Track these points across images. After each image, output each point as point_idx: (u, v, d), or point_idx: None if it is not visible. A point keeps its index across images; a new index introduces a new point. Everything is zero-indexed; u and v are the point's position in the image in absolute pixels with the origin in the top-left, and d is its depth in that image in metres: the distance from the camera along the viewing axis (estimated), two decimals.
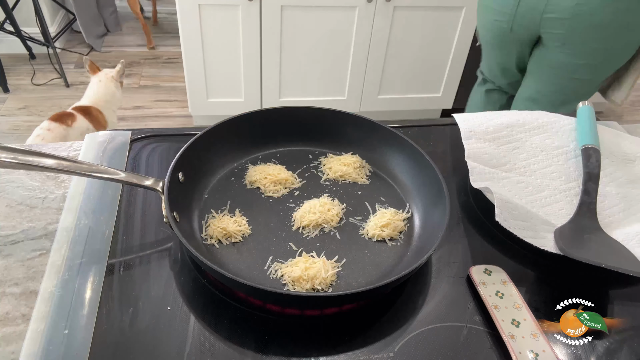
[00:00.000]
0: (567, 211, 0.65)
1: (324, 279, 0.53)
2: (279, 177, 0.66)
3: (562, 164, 0.72)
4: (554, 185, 0.69)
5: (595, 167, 0.67)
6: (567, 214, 0.65)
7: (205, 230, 0.59)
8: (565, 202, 0.67)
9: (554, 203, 0.67)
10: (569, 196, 0.67)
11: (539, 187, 0.68)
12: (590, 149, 0.68)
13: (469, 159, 0.70)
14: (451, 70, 2.21)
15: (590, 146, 0.69)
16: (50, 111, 2.35)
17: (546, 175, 0.70)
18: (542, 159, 0.72)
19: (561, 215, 0.65)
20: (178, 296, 0.52)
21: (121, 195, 0.64)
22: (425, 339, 0.50)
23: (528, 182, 0.69)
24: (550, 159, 0.72)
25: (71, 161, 0.56)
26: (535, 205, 0.66)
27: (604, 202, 0.66)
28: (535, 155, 0.73)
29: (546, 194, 0.68)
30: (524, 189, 0.68)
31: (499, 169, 0.70)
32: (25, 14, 2.53)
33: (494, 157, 0.72)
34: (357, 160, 0.70)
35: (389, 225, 0.60)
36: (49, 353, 0.46)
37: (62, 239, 0.57)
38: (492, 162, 0.71)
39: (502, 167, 0.71)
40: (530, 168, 0.71)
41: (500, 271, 0.57)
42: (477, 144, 0.73)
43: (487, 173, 0.68)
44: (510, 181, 0.68)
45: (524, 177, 0.70)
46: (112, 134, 0.74)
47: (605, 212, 0.65)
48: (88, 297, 0.51)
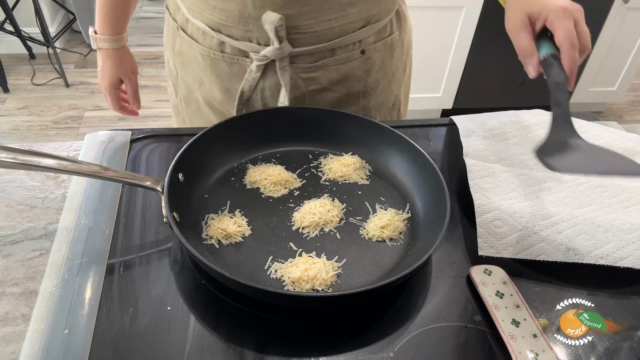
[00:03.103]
0: (571, 199, 0.65)
1: (324, 280, 0.53)
2: (279, 177, 0.66)
3: None
4: (557, 176, 0.69)
5: (560, 74, 0.59)
6: (571, 202, 0.65)
7: (205, 230, 0.59)
8: (570, 191, 0.67)
9: (557, 192, 0.67)
10: (572, 187, 0.67)
11: (541, 179, 0.68)
12: (550, 58, 0.60)
13: (467, 157, 0.70)
14: (451, 70, 2.21)
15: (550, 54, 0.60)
16: (50, 111, 2.36)
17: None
18: None
19: (566, 203, 0.65)
20: (178, 296, 0.52)
21: (121, 195, 0.64)
22: (425, 339, 0.50)
23: (530, 175, 0.69)
24: None
25: (71, 161, 0.56)
26: (540, 196, 0.66)
27: (605, 193, 0.66)
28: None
29: (549, 184, 0.68)
30: (527, 181, 0.68)
31: (499, 164, 0.70)
32: (25, 14, 2.53)
33: (494, 152, 0.72)
34: (357, 161, 0.70)
35: (389, 226, 0.60)
36: (49, 353, 0.46)
37: (62, 239, 0.57)
38: (491, 157, 0.71)
39: (503, 162, 0.71)
40: (532, 162, 0.71)
41: (500, 271, 0.57)
42: (475, 141, 0.73)
43: (487, 169, 0.69)
44: (511, 174, 0.68)
45: (524, 170, 0.70)
46: (112, 134, 0.74)
47: (607, 201, 0.65)
48: (88, 297, 0.51)
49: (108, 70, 0.88)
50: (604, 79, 2.42)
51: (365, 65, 0.80)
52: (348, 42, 0.75)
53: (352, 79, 0.80)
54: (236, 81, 0.78)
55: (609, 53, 2.29)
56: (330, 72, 0.78)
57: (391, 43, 0.82)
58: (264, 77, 0.76)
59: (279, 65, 0.74)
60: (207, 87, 0.82)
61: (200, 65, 0.80)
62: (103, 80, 0.89)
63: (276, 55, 0.72)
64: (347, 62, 0.78)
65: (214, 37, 0.75)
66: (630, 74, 2.42)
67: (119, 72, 0.89)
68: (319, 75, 0.77)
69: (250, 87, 0.77)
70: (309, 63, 0.76)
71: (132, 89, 0.92)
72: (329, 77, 0.78)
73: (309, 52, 0.74)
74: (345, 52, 0.77)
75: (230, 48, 0.75)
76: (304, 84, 0.78)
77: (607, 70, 2.38)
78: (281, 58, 0.73)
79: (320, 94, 0.79)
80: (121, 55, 0.88)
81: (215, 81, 0.80)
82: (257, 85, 0.77)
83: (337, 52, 0.76)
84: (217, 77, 0.79)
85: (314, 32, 0.72)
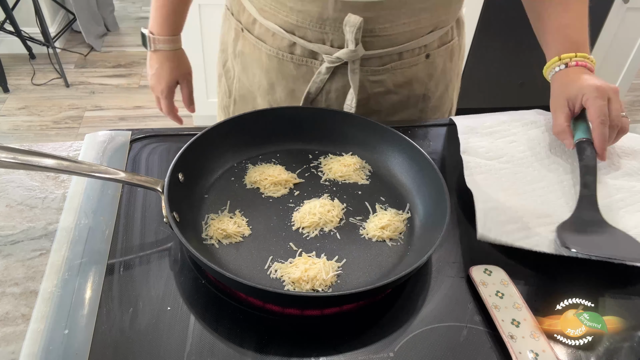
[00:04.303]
0: (565, 200, 0.66)
1: (324, 280, 0.53)
2: (279, 177, 0.66)
3: (560, 155, 0.72)
4: (552, 176, 0.69)
5: (591, 159, 0.66)
6: (565, 204, 0.65)
7: (205, 230, 0.59)
8: (563, 192, 0.67)
9: (552, 193, 0.67)
10: (567, 187, 0.68)
11: (537, 178, 0.69)
12: (584, 142, 0.68)
13: (464, 153, 0.70)
14: None
15: (585, 139, 0.68)
16: (50, 111, 2.36)
17: (544, 166, 0.71)
18: (540, 151, 0.73)
19: (559, 205, 0.65)
20: (178, 296, 0.52)
21: (121, 195, 0.64)
22: (425, 339, 0.50)
23: (526, 173, 0.69)
24: (547, 151, 0.73)
25: (71, 161, 0.56)
26: (534, 195, 0.66)
27: (601, 192, 0.66)
28: (532, 147, 0.73)
29: (544, 184, 0.68)
30: (523, 179, 0.68)
31: (496, 161, 0.71)
32: (25, 14, 2.53)
33: (491, 150, 0.72)
34: (357, 161, 0.70)
35: (389, 226, 0.60)
36: (49, 353, 0.46)
37: (62, 239, 0.57)
38: (488, 154, 0.71)
39: (499, 159, 0.71)
40: (528, 160, 0.72)
41: (500, 271, 0.57)
42: (473, 138, 0.74)
43: (484, 166, 0.69)
44: (507, 172, 0.69)
45: (521, 168, 0.70)
46: (112, 134, 0.74)
47: (602, 201, 0.65)
48: (88, 297, 0.51)
49: (166, 73, 0.87)
50: (604, 79, 2.39)
51: (428, 69, 0.82)
52: (415, 46, 0.77)
53: (416, 82, 0.82)
54: (302, 82, 0.79)
55: (609, 53, 2.29)
56: (396, 75, 0.79)
57: (452, 48, 0.84)
58: (332, 80, 0.77)
59: (351, 68, 0.75)
60: (268, 88, 0.82)
61: (265, 66, 0.80)
62: (159, 84, 0.88)
63: (350, 57, 0.73)
64: (412, 65, 0.79)
65: (285, 38, 0.75)
66: (630, 74, 2.42)
67: (176, 75, 0.88)
68: (386, 77, 0.79)
69: (317, 88, 0.78)
70: (378, 66, 0.77)
71: (188, 91, 0.92)
72: (395, 80, 0.80)
73: (379, 55, 0.75)
74: (412, 55, 0.78)
75: (301, 49, 0.76)
76: (370, 87, 0.79)
77: (607, 70, 2.38)
78: (354, 60, 0.74)
79: (383, 96, 0.81)
80: (179, 56, 0.88)
81: (280, 82, 0.81)
82: (324, 87, 0.78)
83: (404, 56, 0.78)
84: (282, 78, 0.80)
85: (388, 35, 0.73)
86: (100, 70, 2.69)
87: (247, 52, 0.82)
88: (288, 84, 0.81)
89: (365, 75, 0.77)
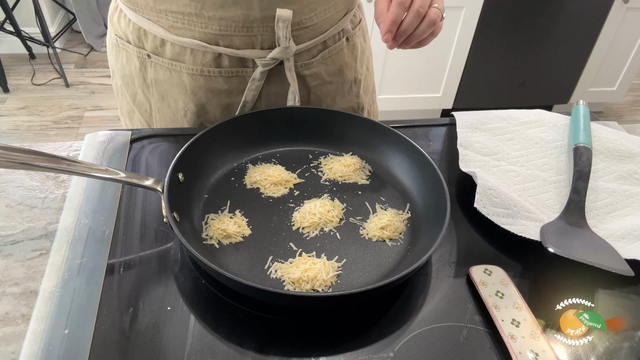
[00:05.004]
0: (554, 202, 0.66)
1: (324, 280, 0.53)
2: (279, 177, 0.66)
3: (555, 157, 0.72)
4: (544, 176, 0.70)
5: (585, 165, 0.67)
6: (553, 205, 0.66)
7: (205, 230, 0.59)
8: (554, 192, 0.67)
9: (542, 193, 0.67)
10: (558, 188, 0.68)
11: (529, 178, 0.69)
12: (581, 148, 0.69)
13: (461, 146, 0.71)
14: (451, 70, 2.21)
15: (582, 145, 0.69)
16: (50, 111, 2.36)
17: (537, 166, 0.71)
18: (536, 150, 0.73)
19: (548, 206, 0.65)
20: (178, 296, 0.52)
21: (121, 195, 0.64)
22: (425, 339, 0.50)
23: (518, 172, 0.69)
24: (543, 151, 0.73)
25: (71, 161, 0.56)
26: (523, 194, 0.67)
27: (591, 196, 0.66)
28: (529, 147, 0.74)
29: (535, 184, 0.68)
30: (514, 178, 0.69)
31: (491, 157, 0.71)
32: (25, 14, 2.53)
33: (487, 145, 0.73)
34: (358, 161, 0.70)
35: (389, 226, 0.60)
36: (49, 353, 0.46)
37: (62, 239, 0.57)
38: (484, 150, 0.72)
39: (494, 156, 0.72)
40: (523, 159, 0.72)
41: (500, 271, 0.57)
42: (471, 132, 0.74)
43: (478, 160, 0.69)
44: (500, 169, 0.69)
45: (515, 166, 0.70)
46: (112, 134, 0.74)
47: (590, 205, 0.66)
48: (88, 297, 0.51)
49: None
50: (604, 79, 2.42)
51: (352, 52, 0.83)
52: (335, 31, 0.78)
53: (346, 67, 0.83)
54: (236, 95, 0.76)
55: (609, 53, 2.30)
56: (327, 64, 0.79)
57: (362, 27, 0.86)
58: (268, 83, 0.75)
59: (287, 66, 0.73)
60: (198, 110, 0.77)
61: (189, 88, 0.75)
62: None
63: (285, 55, 0.72)
64: (339, 51, 0.80)
65: (207, 52, 0.71)
66: (630, 74, 2.43)
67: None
68: (320, 69, 0.79)
69: (253, 96, 0.75)
70: (309, 59, 0.77)
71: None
72: (327, 70, 0.80)
73: (307, 47, 0.75)
74: (334, 42, 0.79)
75: (229, 60, 0.72)
76: (308, 81, 0.79)
77: (607, 70, 2.38)
78: (288, 58, 0.73)
79: (321, 87, 0.81)
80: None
81: (211, 101, 0.76)
82: (262, 92, 0.76)
83: (329, 43, 0.78)
84: (213, 96, 0.76)
85: (313, 25, 0.73)
86: (100, 70, 2.69)
87: (163, 79, 0.76)
88: (221, 101, 0.76)
89: (301, 70, 0.77)
